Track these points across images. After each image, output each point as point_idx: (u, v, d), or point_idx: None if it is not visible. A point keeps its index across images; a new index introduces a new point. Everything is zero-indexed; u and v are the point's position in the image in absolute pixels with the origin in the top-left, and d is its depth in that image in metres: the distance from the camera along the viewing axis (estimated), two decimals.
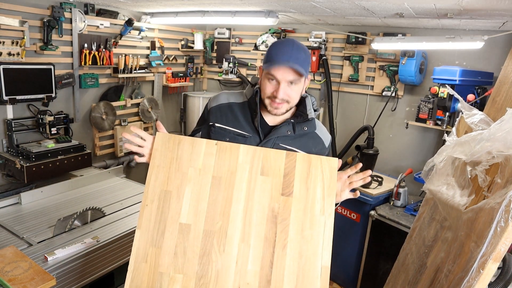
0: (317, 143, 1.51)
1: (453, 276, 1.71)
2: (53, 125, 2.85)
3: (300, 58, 1.37)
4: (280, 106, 1.40)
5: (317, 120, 1.56)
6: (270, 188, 1.31)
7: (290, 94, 1.40)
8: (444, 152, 2.11)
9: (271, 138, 1.44)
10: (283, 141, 1.45)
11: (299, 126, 1.47)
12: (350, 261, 3.18)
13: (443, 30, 3.13)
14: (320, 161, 1.34)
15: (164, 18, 3.52)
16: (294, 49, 1.37)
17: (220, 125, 1.49)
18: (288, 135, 1.46)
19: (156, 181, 1.34)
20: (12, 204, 2.44)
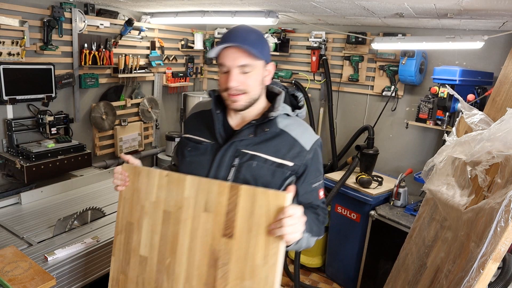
0: (291, 147, 1.29)
1: (453, 276, 1.71)
2: (53, 125, 2.85)
3: (250, 39, 1.23)
4: (238, 98, 1.26)
5: (295, 120, 1.37)
6: (212, 227, 1.16)
7: (245, 81, 1.24)
8: (444, 152, 2.11)
9: (231, 143, 1.29)
10: (246, 146, 1.29)
11: (260, 127, 1.29)
12: (350, 261, 3.18)
13: (443, 30, 3.14)
14: (267, 197, 1.09)
15: (164, 18, 3.52)
16: (242, 31, 1.26)
17: (186, 135, 1.42)
18: (250, 138, 1.28)
19: (123, 212, 1.36)
20: (12, 204, 2.43)
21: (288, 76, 3.91)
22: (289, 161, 1.28)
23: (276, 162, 1.28)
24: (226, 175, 1.28)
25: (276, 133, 1.30)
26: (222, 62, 1.25)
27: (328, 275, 3.47)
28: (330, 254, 3.42)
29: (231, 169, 1.28)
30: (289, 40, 3.91)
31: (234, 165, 1.28)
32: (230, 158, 1.28)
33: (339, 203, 3.22)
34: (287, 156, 1.28)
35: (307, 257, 3.51)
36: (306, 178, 1.32)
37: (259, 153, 1.28)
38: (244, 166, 1.27)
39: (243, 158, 1.28)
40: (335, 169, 3.68)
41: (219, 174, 1.28)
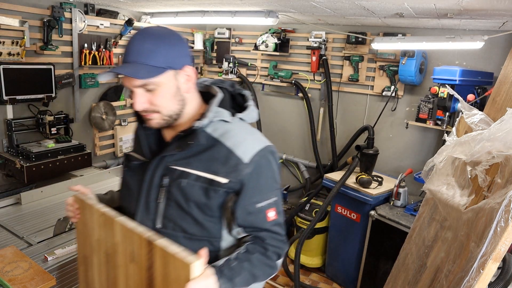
0: (226, 159, 1.08)
1: (453, 276, 1.71)
2: (53, 125, 2.84)
3: (144, 50, 1.04)
4: (150, 117, 1.10)
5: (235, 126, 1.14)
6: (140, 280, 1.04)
7: (154, 101, 1.07)
8: (444, 152, 2.11)
9: (160, 158, 1.13)
10: (176, 161, 1.11)
11: (185, 139, 1.11)
12: (350, 261, 3.18)
13: (443, 30, 3.14)
14: (175, 261, 0.92)
15: (164, 18, 3.52)
16: (136, 41, 1.06)
17: (128, 152, 1.27)
18: (177, 153, 1.11)
19: (79, 245, 1.31)
20: (12, 204, 2.44)
21: (288, 76, 3.91)
22: (222, 177, 1.08)
23: (208, 179, 1.08)
24: (157, 197, 1.13)
25: (207, 145, 1.10)
26: (124, 83, 1.08)
27: (328, 275, 3.47)
28: (330, 254, 3.42)
29: (162, 190, 1.12)
30: (289, 40, 3.91)
31: (163, 185, 1.11)
32: (159, 178, 1.12)
33: (339, 203, 3.22)
34: (221, 171, 1.08)
35: (307, 257, 3.51)
36: (245, 196, 1.10)
37: (189, 169, 1.09)
38: (174, 186, 1.10)
39: (172, 177, 1.11)
40: (335, 169, 3.68)
41: (150, 197, 1.13)
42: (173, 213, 1.11)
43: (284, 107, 4.14)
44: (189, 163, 1.10)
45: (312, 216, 3.41)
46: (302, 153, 4.11)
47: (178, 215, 1.11)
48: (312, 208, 3.54)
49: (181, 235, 1.11)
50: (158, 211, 1.13)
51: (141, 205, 1.15)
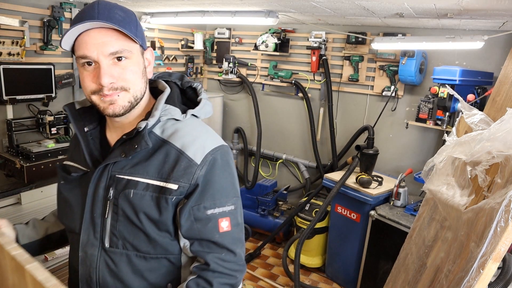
0: (176, 161, 0.94)
1: (453, 276, 1.71)
2: (53, 125, 2.84)
3: (116, 17, 0.90)
4: (115, 99, 0.92)
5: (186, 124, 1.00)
6: None
7: (123, 76, 0.92)
8: (444, 152, 2.11)
9: (103, 167, 0.97)
10: (121, 169, 0.96)
11: (129, 143, 0.95)
12: (350, 261, 3.18)
13: (443, 30, 3.14)
14: None
15: (164, 18, 3.52)
16: (102, 6, 0.90)
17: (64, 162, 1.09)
18: (122, 159, 0.95)
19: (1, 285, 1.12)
20: (12, 204, 2.44)
21: (288, 76, 3.91)
22: (172, 183, 0.93)
23: (158, 187, 0.94)
24: (104, 211, 0.96)
25: (155, 148, 0.95)
26: (83, 54, 0.89)
27: (328, 275, 3.47)
28: (330, 254, 3.42)
29: (108, 204, 0.96)
30: (289, 40, 3.91)
31: (109, 197, 0.95)
32: (103, 189, 0.96)
33: (339, 203, 3.22)
34: (171, 175, 0.93)
35: (307, 257, 3.51)
36: (195, 199, 0.94)
37: (137, 178, 0.94)
38: (121, 198, 0.95)
39: (118, 187, 0.95)
40: (335, 169, 3.68)
41: (96, 211, 0.97)
42: (123, 230, 0.95)
43: (284, 107, 4.14)
44: (136, 170, 0.95)
45: (312, 216, 3.41)
46: (302, 153, 4.11)
47: (128, 231, 0.95)
48: (312, 208, 3.54)
49: (134, 253, 0.96)
50: (106, 228, 0.96)
51: (86, 223, 0.98)
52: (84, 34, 0.89)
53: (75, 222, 1.01)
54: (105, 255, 0.97)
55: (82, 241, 0.98)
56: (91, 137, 1.03)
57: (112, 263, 0.96)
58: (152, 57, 1.02)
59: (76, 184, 1.03)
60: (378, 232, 2.92)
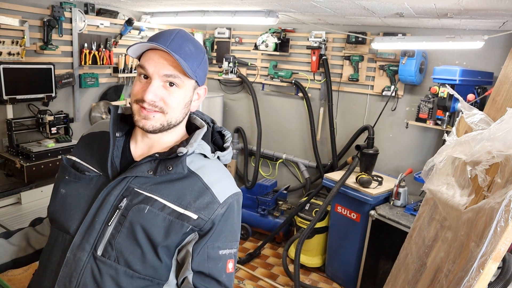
0: (200, 194, 0.98)
1: (453, 276, 1.71)
2: (53, 125, 2.84)
3: (186, 50, 0.97)
4: (150, 116, 0.97)
5: (213, 164, 1.05)
6: None
7: (167, 99, 0.97)
8: (444, 152, 2.11)
9: (124, 179, 0.98)
10: (141, 184, 0.98)
11: (163, 164, 0.98)
12: (350, 260, 3.18)
13: (443, 30, 3.13)
14: None
15: (164, 17, 3.52)
16: (178, 37, 0.98)
17: (74, 158, 1.08)
18: (148, 176, 0.98)
19: None
20: (12, 203, 2.44)
21: (288, 76, 3.91)
22: (193, 212, 0.97)
23: (176, 212, 0.96)
24: (109, 219, 0.96)
25: (183, 175, 0.99)
26: (143, 64, 0.96)
27: (328, 275, 3.47)
28: (330, 254, 3.42)
29: (116, 212, 0.96)
30: (289, 40, 3.91)
31: (120, 207, 0.97)
32: (117, 197, 0.97)
33: (339, 203, 3.22)
34: (192, 206, 0.97)
35: (307, 257, 3.52)
36: (211, 238, 0.99)
37: (156, 196, 0.97)
38: (133, 210, 0.96)
39: (133, 200, 0.97)
40: (335, 169, 3.69)
41: (99, 216, 0.97)
42: (121, 242, 0.95)
43: (284, 107, 4.14)
44: (157, 189, 0.97)
45: (312, 216, 3.41)
46: (302, 153, 4.11)
47: (127, 245, 0.95)
48: (312, 208, 3.55)
49: (123, 269, 0.95)
50: (104, 235, 0.95)
51: (84, 226, 0.97)
52: (153, 51, 0.97)
53: (72, 222, 0.99)
54: (93, 262, 0.95)
55: (74, 243, 0.96)
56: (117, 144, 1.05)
57: (98, 273, 0.95)
58: (204, 94, 1.08)
59: (83, 184, 1.02)
60: (378, 232, 2.92)
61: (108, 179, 1.00)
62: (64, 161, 1.08)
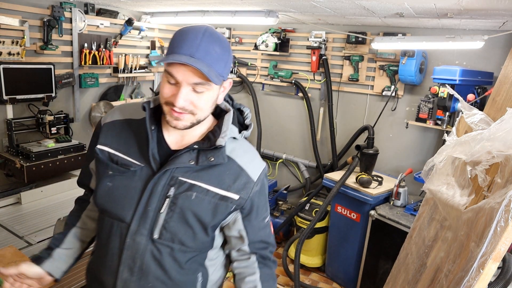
0: (237, 177, 1.10)
1: (453, 276, 1.71)
2: (53, 125, 2.84)
3: (212, 54, 0.99)
4: (181, 117, 1.03)
5: (242, 144, 1.16)
6: None
7: (196, 102, 1.02)
8: (444, 152, 2.11)
9: (168, 169, 1.06)
10: (184, 173, 1.07)
11: (203, 155, 1.08)
12: (350, 260, 3.18)
13: (443, 30, 3.13)
14: None
15: (164, 17, 3.52)
16: (205, 40, 0.99)
17: (108, 150, 1.13)
18: (190, 166, 1.07)
19: None
20: (12, 203, 2.44)
21: (288, 76, 3.91)
22: (234, 193, 1.10)
23: (219, 194, 1.08)
24: (159, 207, 1.07)
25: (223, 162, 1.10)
26: (171, 73, 0.99)
27: (328, 275, 3.47)
28: (330, 254, 3.42)
29: (165, 200, 1.06)
30: (289, 40, 3.91)
31: (169, 195, 1.06)
32: (164, 187, 1.07)
33: (339, 203, 3.22)
34: (232, 187, 1.10)
35: (307, 257, 3.52)
36: (258, 213, 1.16)
37: (199, 183, 1.07)
38: (181, 198, 1.06)
39: (179, 188, 1.07)
40: (335, 169, 3.68)
41: (151, 205, 1.07)
42: (174, 226, 1.07)
43: (284, 107, 4.14)
44: (200, 176, 1.08)
45: (312, 216, 3.41)
46: (302, 153, 4.11)
47: (180, 228, 1.07)
48: (312, 208, 3.55)
49: (177, 247, 1.09)
50: (158, 221, 1.07)
51: (138, 214, 1.07)
52: None
53: (125, 212, 1.08)
54: (151, 244, 1.07)
55: (132, 230, 1.07)
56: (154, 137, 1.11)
57: (157, 252, 1.08)
58: (229, 86, 1.12)
59: (128, 177, 1.09)
60: (378, 232, 2.92)
61: (151, 170, 1.08)
62: (100, 154, 1.13)
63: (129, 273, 1.08)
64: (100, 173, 1.14)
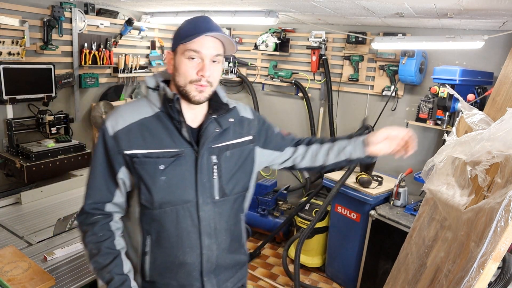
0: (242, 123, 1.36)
1: (453, 276, 1.71)
2: (53, 125, 2.84)
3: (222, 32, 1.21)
4: (205, 89, 1.21)
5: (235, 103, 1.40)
6: None
7: (214, 74, 1.22)
8: (444, 152, 2.11)
9: (204, 143, 1.24)
10: (215, 140, 1.27)
11: (223, 120, 1.29)
12: (350, 260, 3.18)
13: (443, 30, 3.13)
14: None
15: (164, 17, 3.52)
16: (214, 24, 1.22)
17: (142, 151, 1.19)
18: (217, 132, 1.27)
19: None
20: (12, 203, 2.44)
21: (288, 76, 3.91)
22: (247, 136, 1.36)
23: (239, 142, 1.34)
24: (211, 174, 1.26)
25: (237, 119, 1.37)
26: (196, 49, 1.17)
27: (328, 275, 3.47)
28: (330, 254, 3.41)
29: (214, 167, 1.26)
30: (289, 40, 3.91)
31: (215, 163, 1.26)
32: (208, 158, 1.25)
33: (339, 203, 3.22)
34: (244, 132, 1.36)
35: (307, 257, 3.51)
36: (271, 132, 1.45)
37: (226, 142, 1.30)
38: (223, 160, 1.28)
39: (218, 153, 1.27)
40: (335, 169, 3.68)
41: (205, 177, 1.24)
42: (227, 183, 1.29)
43: (284, 107, 4.14)
44: (223, 137, 1.29)
45: (312, 216, 3.41)
46: None
47: (231, 183, 1.30)
48: (312, 208, 3.54)
49: (234, 197, 1.32)
50: (214, 186, 1.26)
51: (200, 189, 1.24)
52: (203, 37, 1.17)
53: (188, 192, 1.23)
54: (215, 206, 1.27)
55: (199, 204, 1.24)
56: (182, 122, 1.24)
57: (220, 209, 1.29)
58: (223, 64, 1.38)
59: (176, 165, 1.22)
60: (378, 232, 2.91)
61: (192, 150, 1.23)
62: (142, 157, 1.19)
63: (208, 238, 1.27)
64: (151, 173, 1.20)
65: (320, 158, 1.47)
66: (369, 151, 1.42)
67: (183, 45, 1.17)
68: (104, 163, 1.22)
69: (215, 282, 1.32)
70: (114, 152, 1.19)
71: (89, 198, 1.25)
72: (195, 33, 1.16)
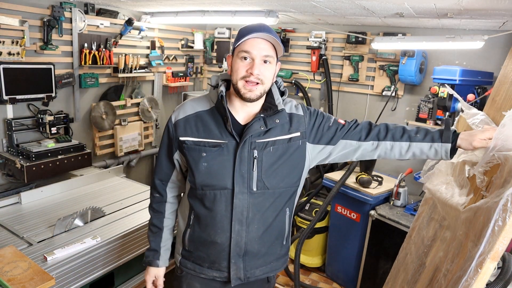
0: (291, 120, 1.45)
1: (452, 276, 1.71)
2: (53, 125, 2.85)
3: (274, 35, 1.34)
4: (254, 88, 1.34)
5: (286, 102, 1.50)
6: None
7: (265, 73, 1.34)
8: None
9: (247, 138, 1.37)
10: (258, 137, 1.39)
11: (270, 120, 1.40)
12: (350, 260, 3.18)
13: (443, 30, 3.13)
14: None
15: (164, 17, 3.52)
16: (267, 27, 1.35)
17: (192, 139, 1.40)
18: (261, 130, 1.39)
19: None
20: (12, 203, 2.44)
21: (288, 76, 3.91)
22: (295, 132, 1.43)
23: (286, 139, 1.42)
24: (251, 167, 1.38)
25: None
26: (247, 50, 1.32)
27: (328, 275, 3.47)
28: (330, 254, 3.42)
29: (254, 161, 1.37)
30: (289, 40, 3.91)
31: (255, 157, 1.38)
32: (249, 152, 1.37)
33: (339, 203, 3.22)
34: (292, 129, 1.43)
35: (307, 256, 3.52)
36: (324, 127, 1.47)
37: (269, 138, 1.39)
38: (265, 155, 1.38)
39: (260, 148, 1.38)
40: (335, 169, 3.68)
41: (244, 168, 1.37)
42: (267, 177, 1.39)
43: None
44: (268, 134, 1.39)
45: (312, 216, 3.41)
46: None
47: (271, 177, 1.39)
48: (312, 208, 3.54)
49: (271, 191, 1.41)
50: (253, 178, 1.37)
51: (237, 178, 1.37)
52: (253, 39, 1.33)
53: (226, 180, 1.38)
54: (251, 196, 1.39)
55: (236, 192, 1.37)
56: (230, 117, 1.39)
57: (257, 200, 1.39)
58: (278, 68, 1.48)
59: (218, 154, 1.37)
60: (378, 231, 2.92)
61: (235, 143, 1.37)
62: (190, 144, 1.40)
63: (239, 224, 1.39)
64: (195, 158, 1.39)
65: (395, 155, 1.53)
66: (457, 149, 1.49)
67: (238, 47, 1.34)
68: (166, 146, 1.49)
69: (242, 266, 1.45)
70: (173, 137, 1.45)
71: (156, 174, 1.54)
72: (247, 35, 1.31)
